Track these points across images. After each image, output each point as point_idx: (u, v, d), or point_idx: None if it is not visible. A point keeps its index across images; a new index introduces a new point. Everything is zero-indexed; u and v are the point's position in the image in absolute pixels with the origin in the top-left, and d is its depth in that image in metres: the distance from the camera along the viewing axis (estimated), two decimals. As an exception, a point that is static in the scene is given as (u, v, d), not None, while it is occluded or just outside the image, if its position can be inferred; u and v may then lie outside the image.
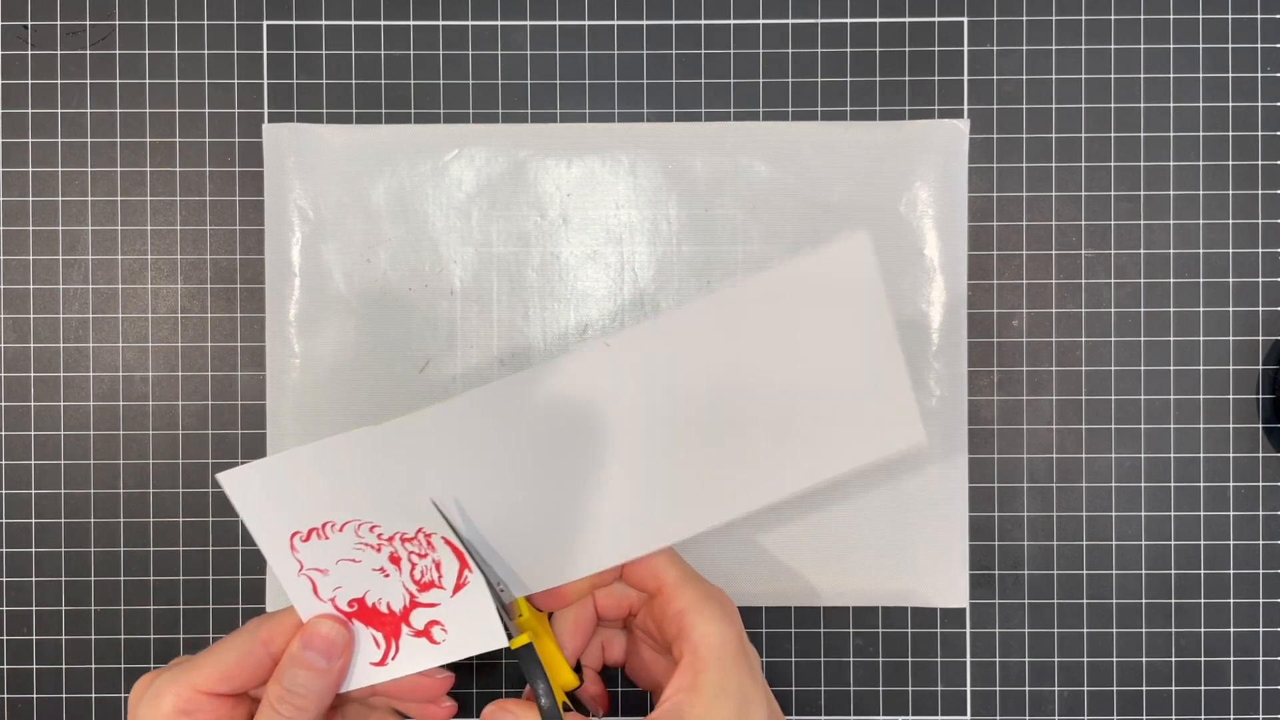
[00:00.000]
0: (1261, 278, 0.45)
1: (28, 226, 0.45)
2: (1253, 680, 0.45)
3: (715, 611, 0.34)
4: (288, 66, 0.45)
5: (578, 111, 0.45)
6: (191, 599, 0.45)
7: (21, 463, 0.45)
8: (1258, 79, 0.45)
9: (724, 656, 0.33)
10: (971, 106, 0.45)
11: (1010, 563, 0.45)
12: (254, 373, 0.45)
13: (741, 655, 0.34)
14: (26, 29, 0.45)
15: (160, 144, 0.45)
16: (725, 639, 0.34)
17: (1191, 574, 0.45)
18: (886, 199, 0.44)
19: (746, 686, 0.33)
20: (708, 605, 0.34)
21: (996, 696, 0.45)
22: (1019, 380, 0.45)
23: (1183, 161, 0.45)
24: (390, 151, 0.44)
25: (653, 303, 0.44)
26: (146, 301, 0.45)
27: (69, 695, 0.45)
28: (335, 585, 0.35)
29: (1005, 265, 0.45)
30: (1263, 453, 0.45)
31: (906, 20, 0.45)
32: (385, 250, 0.44)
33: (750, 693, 0.33)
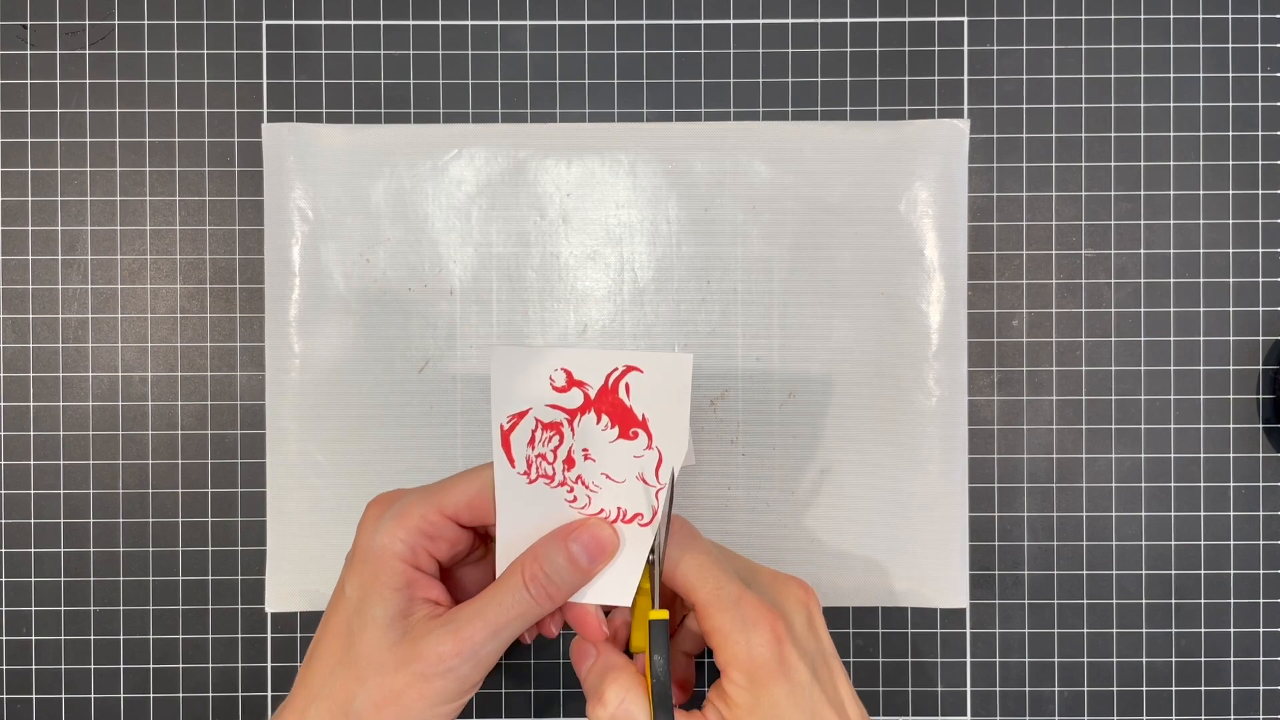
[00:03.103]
0: (1262, 278, 0.45)
1: (27, 226, 0.45)
2: (1253, 681, 0.45)
3: (745, 641, 0.33)
4: (287, 66, 0.45)
5: (577, 111, 0.45)
6: (191, 599, 0.44)
7: (21, 463, 0.45)
8: (1258, 79, 0.45)
9: (756, 678, 0.33)
10: (971, 106, 0.45)
11: (1010, 563, 0.45)
12: (253, 373, 0.45)
13: (778, 672, 0.33)
14: (26, 29, 0.45)
15: (159, 144, 0.45)
16: (756, 661, 0.33)
17: (1192, 574, 0.45)
18: (886, 199, 0.44)
19: (780, 704, 0.32)
20: (740, 633, 0.33)
21: (997, 697, 0.45)
22: (1019, 380, 0.45)
23: (1183, 161, 0.45)
24: (390, 151, 0.44)
25: (653, 303, 0.44)
26: (146, 301, 0.45)
27: (68, 696, 0.44)
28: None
29: (1005, 265, 0.45)
30: (1263, 453, 0.45)
31: (906, 20, 0.45)
32: (385, 250, 0.44)
33: (784, 710, 0.32)
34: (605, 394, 0.35)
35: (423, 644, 0.33)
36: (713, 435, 0.44)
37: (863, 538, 0.44)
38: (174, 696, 0.44)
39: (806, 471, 0.44)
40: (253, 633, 0.45)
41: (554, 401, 0.35)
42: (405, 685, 0.33)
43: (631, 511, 0.36)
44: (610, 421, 0.35)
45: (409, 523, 0.34)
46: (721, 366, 0.44)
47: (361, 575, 0.34)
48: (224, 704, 0.44)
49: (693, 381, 0.44)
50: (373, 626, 0.33)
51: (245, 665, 0.45)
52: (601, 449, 0.35)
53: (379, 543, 0.34)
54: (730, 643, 0.33)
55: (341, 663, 0.34)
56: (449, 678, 0.33)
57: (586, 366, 0.35)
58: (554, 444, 0.35)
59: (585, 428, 0.35)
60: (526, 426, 0.35)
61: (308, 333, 0.44)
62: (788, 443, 0.44)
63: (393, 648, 0.33)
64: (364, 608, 0.34)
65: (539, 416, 0.35)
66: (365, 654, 0.33)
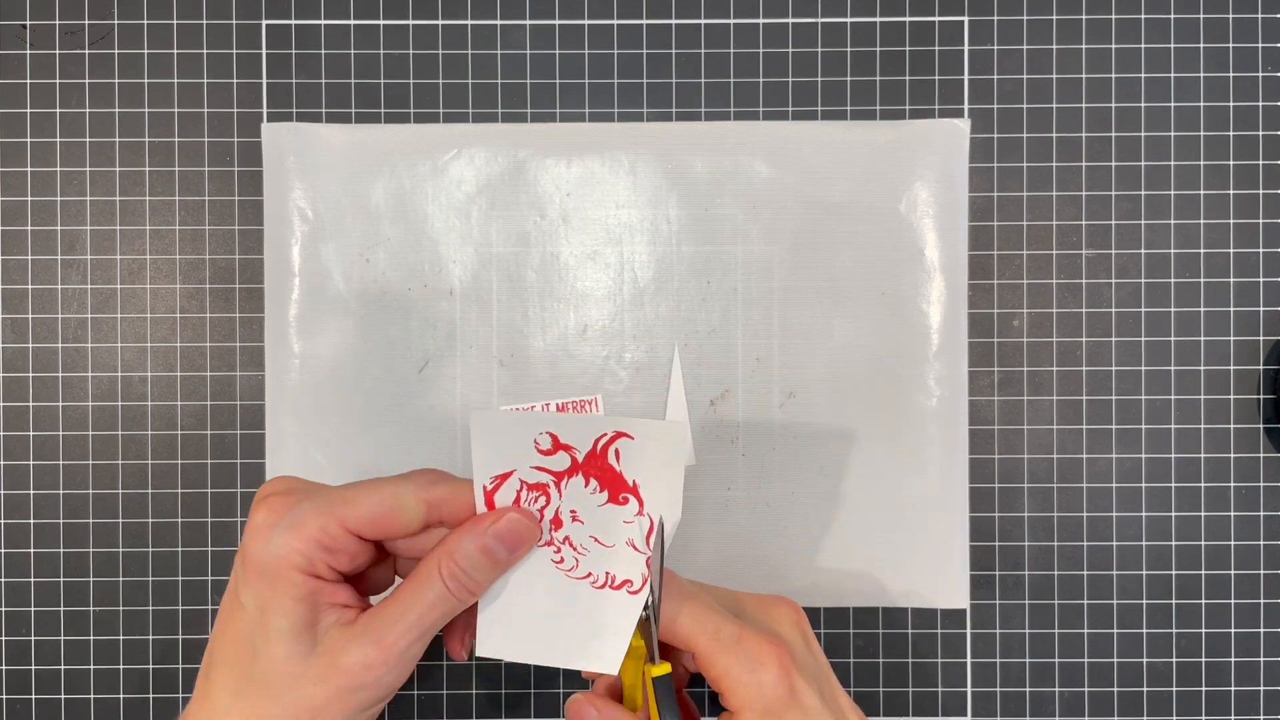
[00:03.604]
0: (1262, 277, 0.45)
1: (26, 226, 0.45)
2: (1254, 681, 0.45)
3: (754, 682, 0.32)
4: (287, 66, 0.45)
5: (577, 111, 0.45)
6: (190, 599, 0.44)
7: (20, 463, 0.44)
8: (1258, 78, 0.45)
9: (770, 715, 0.32)
10: (972, 106, 0.45)
11: (1011, 563, 0.45)
12: (253, 373, 0.45)
13: (791, 705, 0.33)
14: (25, 29, 0.45)
15: (159, 144, 0.45)
16: (769, 699, 0.32)
17: (1192, 574, 0.45)
18: (887, 198, 0.44)
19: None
20: (748, 674, 0.33)
21: (997, 697, 0.45)
22: (1019, 380, 0.45)
23: (1183, 161, 0.45)
24: (389, 151, 0.44)
25: (653, 303, 0.44)
26: (145, 302, 0.45)
27: (67, 696, 0.44)
28: None
29: (1006, 265, 0.45)
30: (1263, 453, 0.45)
31: (907, 19, 0.45)
32: (384, 250, 0.44)
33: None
34: (594, 458, 0.34)
35: (344, 657, 0.31)
36: (713, 435, 0.44)
37: (863, 538, 0.44)
38: (173, 697, 0.44)
39: (806, 471, 0.44)
40: (252, 633, 0.44)
41: (540, 464, 0.34)
42: (326, 700, 0.31)
43: (620, 578, 0.34)
44: (599, 485, 0.34)
45: (306, 533, 0.31)
46: (721, 366, 0.44)
47: (257, 586, 0.31)
48: (224, 704, 0.44)
49: (693, 383, 0.44)
50: (278, 641, 0.31)
51: (245, 666, 0.44)
52: (590, 512, 0.34)
53: (273, 554, 0.31)
54: (740, 686, 0.33)
55: (248, 679, 0.31)
56: (372, 687, 0.31)
57: (574, 431, 0.34)
58: (540, 504, 0.34)
59: (573, 490, 0.34)
60: (511, 487, 0.34)
61: (307, 333, 0.44)
62: (788, 443, 0.44)
63: (304, 660, 0.31)
64: (265, 620, 0.31)
65: (524, 478, 0.34)
66: (275, 669, 0.31)
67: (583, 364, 0.44)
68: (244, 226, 0.45)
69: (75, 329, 0.45)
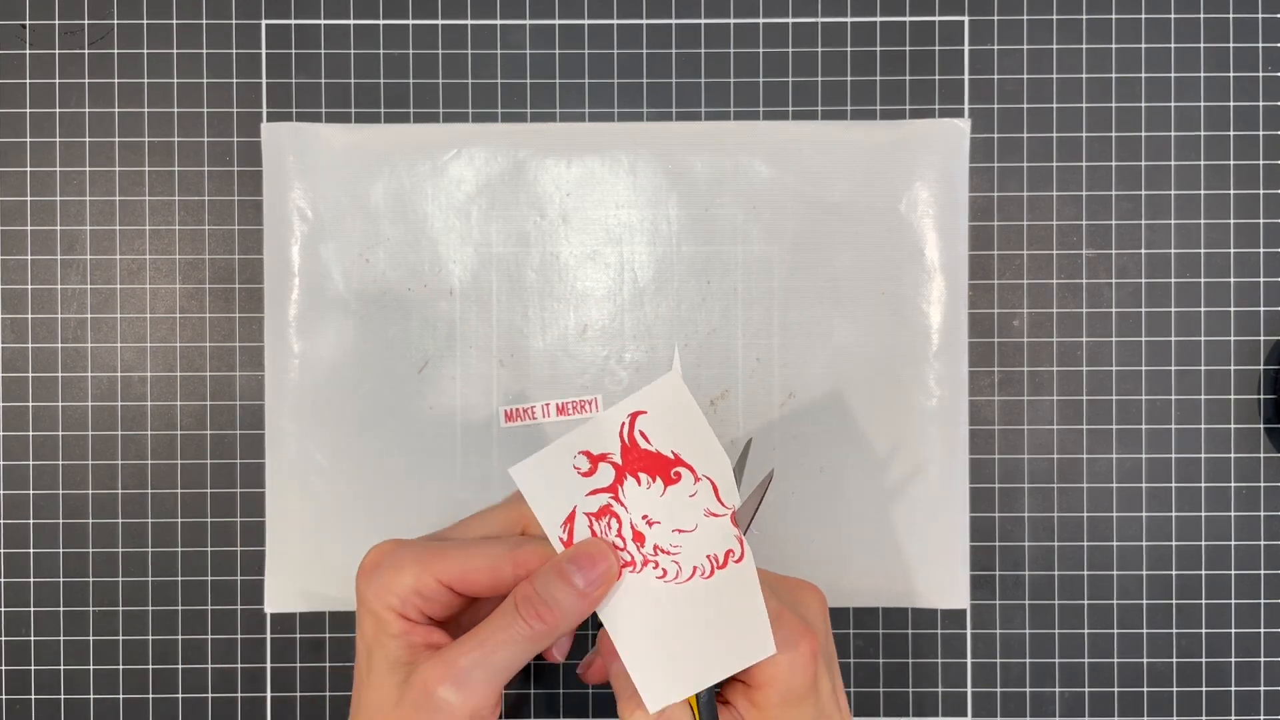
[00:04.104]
0: (1263, 277, 0.45)
1: (26, 226, 0.45)
2: (1254, 681, 0.45)
3: (785, 662, 0.33)
4: (286, 66, 0.45)
5: (577, 111, 0.45)
6: (190, 600, 0.44)
7: (20, 463, 0.44)
8: (1259, 78, 0.45)
9: (788, 697, 0.33)
10: (972, 106, 0.45)
11: (1011, 563, 0.45)
12: (252, 373, 0.44)
13: (809, 696, 0.33)
14: (24, 28, 0.45)
15: (158, 143, 0.45)
16: (792, 684, 0.33)
17: (1193, 575, 0.45)
18: (887, 198, 0.44)
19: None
20: (779, 651, 0.33)
21: (997, 698, 0.45)
22: (1020, 380, 0.45)
23: (1184, 161, 0.45)
24: (389, 151, 0.44)
25: (653, 303, 0.44)
26: (145, 302, 0.45)
27: (67, 696, 0.44)
28: None
29: (1006, 265, 0.45)
30: (1264, 453, 0.45)
31: (907, 19, 0.45)
32: (384, 250, 0.44)
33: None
34: (629, 452, 0.34)
35: (414, 676, 0.33)
36: (713, 435, 0.44)
37: (863, 538, 0.44)
38: (173, 697, 0.44)
39: (806, 471, 0.44)
40: (252, 633, 0.44)
41: (590, 488, 0.34)
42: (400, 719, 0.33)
43: (721, 553, 0.34)
44: (650, 477, 0.34)
45: (403, 582, 0.34)
46: (721, 366, 0.44)
47: (364, 624, 0.34)
48: (223, 705, 0.44)
49: (693, 383, 0.44)
50: (377, 673, 0.34)
51: (244, 666, 0.44)
52: (657, 507, 0.34)
53: (373, 593, 0.34)
54: (771, 663, 0.33)
55: (357, 710, 0.34)
56: (440, 708, 0.32)
57: (599, 437, 0.34)
58: (615, 528, 0.34)
59: (632, 496, 0.34)
60: (581, 525, 0.34)
61: (307, 333, 0.44)
62: (788, 443, 0.44)
63: (395, 689, 0.33)
64: (370, 656, 0.34)
65: (586, 510, 0.34)
66: (372, 699, 0.34)
67: (583, 364, 0.44)
68: (243, 226, 0.45)
69: (75, 329, 0.45)
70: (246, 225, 0.45)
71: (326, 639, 0.45)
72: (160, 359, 0.45)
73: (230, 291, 0.45)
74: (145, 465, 0.44)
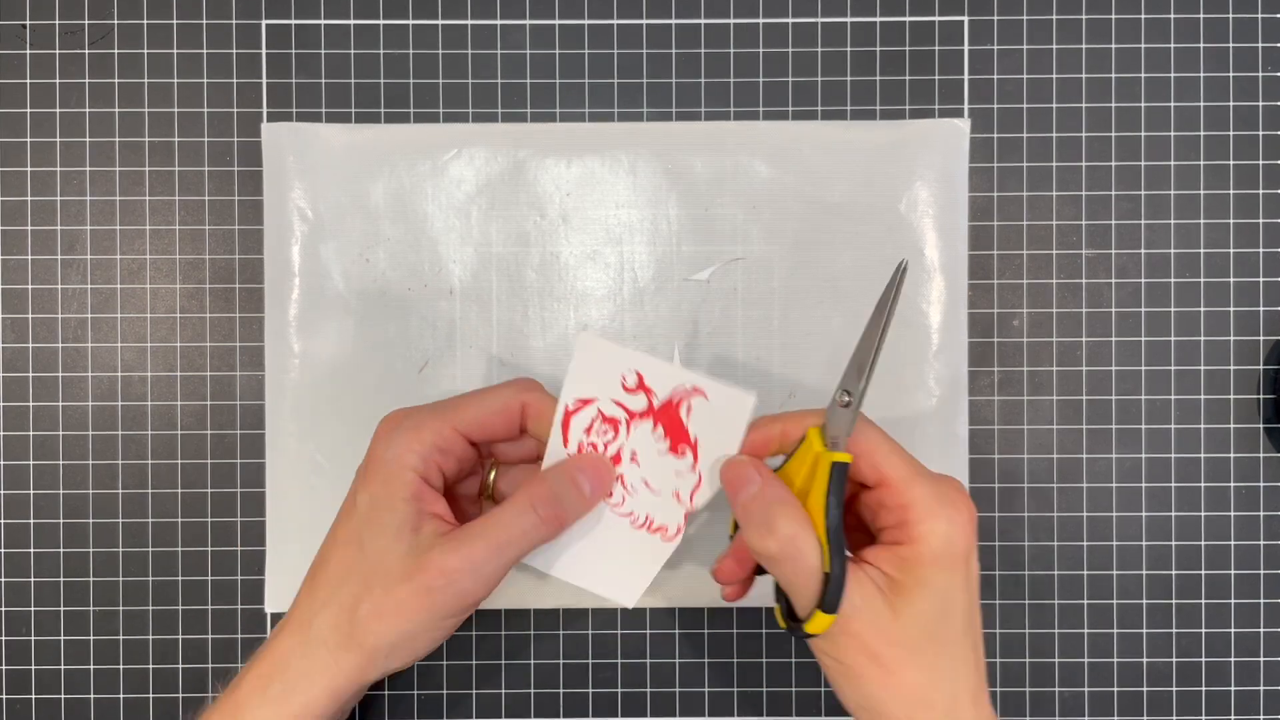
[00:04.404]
0: (1262, 277, 0.45)
1: (26, 226, 0.45)
2: (1254, 681, 0.45)
3: (946, 518, 0.32)
4: (286, 66, 0.45)
5: (577, 111, 0.45)
6: (190, 599, 0.44)
7: (20, 463, 0.44)
8: (1258, 78, 0.45)
9: (942, 559, 0.32)
10: (972, 106, 0.45)
11: (1011, 563, 0.45)
12: (253, 373, 0.44)
13: (962, 564, 0.33)
14: (25, 28, 0.45)
15: (159, 143, 0.45)
16: (951, 546, 0.32)
17: (1192, 574, 0.45)
18: (887, 198, 0.44)
19: (955, 594, 0.32)
20: (940, 508, 0.33)
21: (998, 698, 0.45)
22: (1019, 380, 0.45)
23: (1183, 161, 0.45)
24: (389, 151, 0.44)
25: (653, 303, 0.44)
26: (145, 301, 0.45)
27: (67, 696, 0.44)
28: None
29: (1006, 265, 0.45)
30: (1263, 453, 0.45)
31: (907, 19, 0.45)
32: (384, 250, 0.44)
33: (956, 601, 0.33)
34: (668, 407, 0.36)
35: (428, 558, 0.34)
36: (713, 435, 0.44)
37: (863, 538, 0.44)
38: (173, 697, 0.44)
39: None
40: (252, 633, 0.44)
41: (620, 399, 0.36)
42: (409, 595, 0.34)
43: (658, 522, 0.37)
44: (665, 433, 0.36)
45: (424, 436, 0.35)
46: (721, 366, 0.44)
47: (373, 486, 0.35)
48: (223, 704, 0.44)
49: None
50: (383, 535, 0.34)
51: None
52: (649, 457, 0.37)
53: (393, 454, 0.35)
54: (930, 515, 0.32)
55: (352, 571, 0.35)
56: (450, 592, 0.34)
57: (659, 376, 0.36)
58: (608, 437, 0.37)
59: (640, 433, 0.36)
60: (588, 414, 0.37)
61: (307, 333, 0.44)
62: (788, 443, 0.44)
63: (401, 558, 0.34)
64: (375, 516, 0.35)
65: (602, 409, 0.36)
66: (375, 561, 0.34)
67: (583, 364, 0.44)
68: (244, 226, 0.45)
69: (75, 329, 0.45)
70: (246, 225, 0.45)
71: (327, 639, 0.45)
72: (160, 359, 0.45)
73: (230, 291, 0.45)
74: (145, 465, 0.44)
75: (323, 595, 0.35)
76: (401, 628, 0.34)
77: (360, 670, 0.35)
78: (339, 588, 0.35)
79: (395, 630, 0.34)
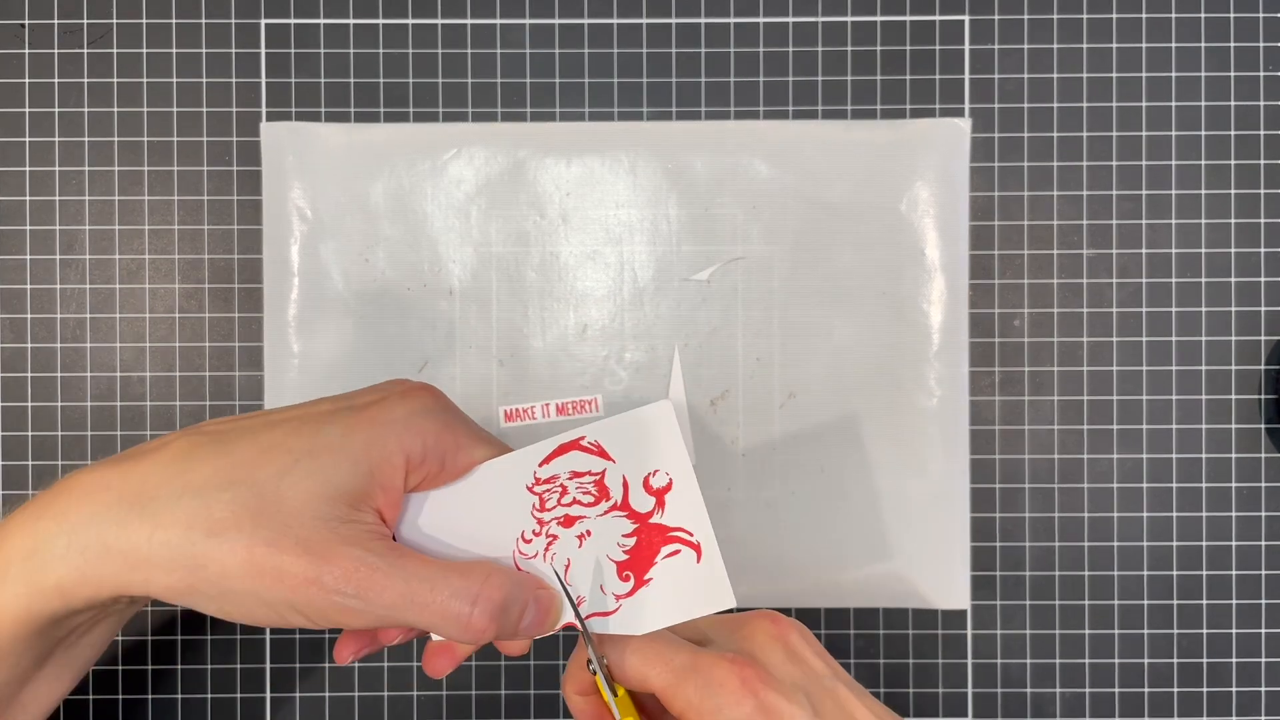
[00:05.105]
0: (1264, 277, 0.45)
1: (25, 226, 0.45)
2: (1255, 682, 0.45)
3: (713, 699, 0.29)
4: (286, 65, 0.45)
5: (577, 110, 0.45)
6: (189, 600, 0.44)
7: (19, 463, 0.44)
8: (1260, 77, 0.45)
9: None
10: (973, 105, 0.45)
11: (1012, 564, 0.45)
12: (252, 373, 0.44)
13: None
14: (23, 28, 0.45)
15: (158, 143, 0.45)
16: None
17: (1194, 575, 0.45)
18: (887, 198, 0.44)
19: None
20: (704, 695, 0.29)
21: (998, 698, 0.45)
22: (1020, 380, 0.45)
23: (1185, 161, 0.45)
24: (389, 150, 0.44)
25: (653, 303, 0.44)
26: (144, 301, 0.45)
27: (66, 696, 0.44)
28: None
29: (1007, 265, 0.45)
30: (1265, 453, 0.45)
31: (908, 19, 0.45)
32: (384, 250, 0.44)
33: None
34: (643, 517, 0.32)
35: (346, 550, 0.28)
36: (713, 435, 0.44)
37: (863, 538, 0.44)
38: (173, 698, 0.44)
39: (807, 471, 0.44)
40: (251, 633, 0.44)
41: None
42: (290, 564, 0.28)
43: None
44: (630, 528, 0.32)
45: (446, 439, 0.31)
46: (721, 366, 0.44)
47: (356, 432, 0.30)
48: (223, 705, 0.44)
49: (693, 383, 0.44)
50: (325, 483, 0.29)
51: (244, 666, 0.44)
52: (596, 539, 0.33)
53: (404, 423, 0.30)
54: (703, 716, 0.29)
55: (280, 470, 0.29)
56: (336, 605, 0.28)
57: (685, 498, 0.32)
58: (575, 498, 0.33)
59: (607, 523, 0.32)
60: (581, 462, 0.33)
61: (307, 333, 0.44)
62: (788, 443, 0.44)
63: (321, 521, 0.28)
64: (335, 461, 0.29)
65: (582, 468, 0.33)
66: (295, 496, 0.28)
67: (583, 364, 0.44)
68: (243, 226, 0.45)
69: (74, 329, 0.45)
70: (245, 225, 0.45)
71: (326, 639, 0.44)
72: (159, 359, 0.45)
73: (229, 291, 0.45)
74: (144, 465, 0.44)
75: (242, 466, 0.29)
76: (260, 585, 0.28)
77: (176, 581, 0.28)
78: (254, 470, 0.28)
79: (252, 582, 0.28)
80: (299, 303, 0.44)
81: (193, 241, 0.45)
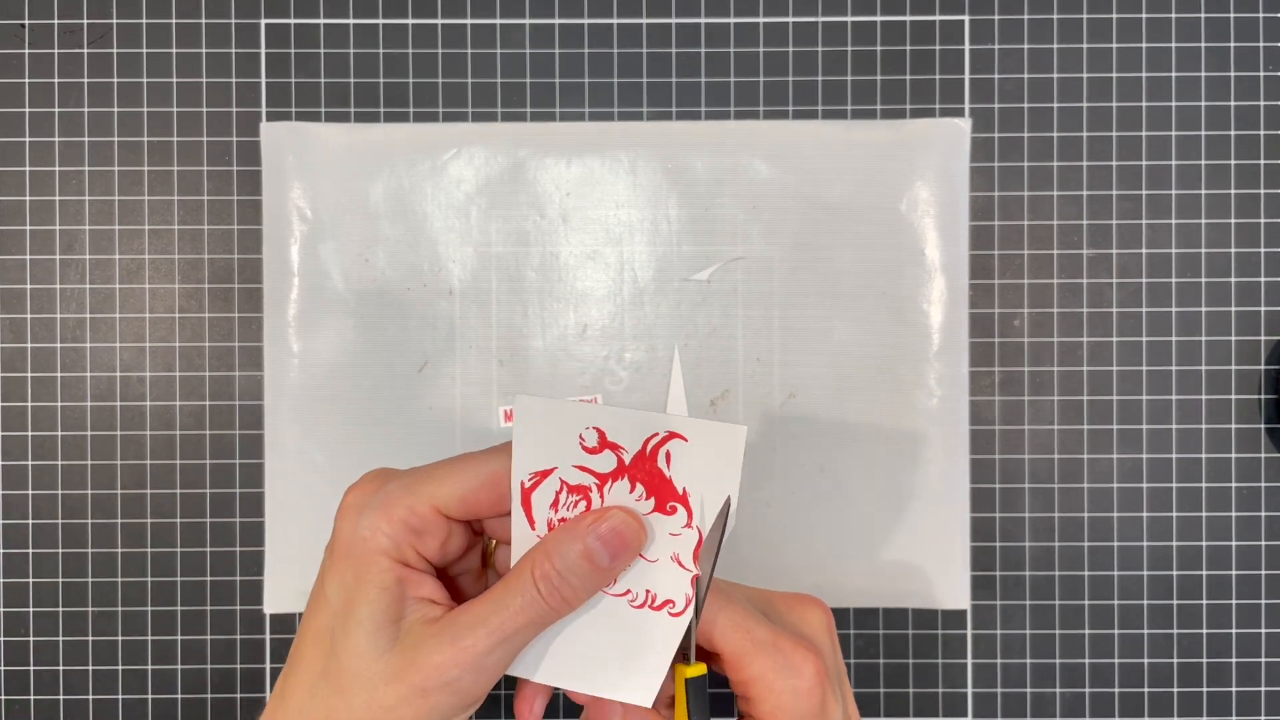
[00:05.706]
0: (1264, 277, 0.45)
1: (25, 226, 0.45)
2: (1255, 682, 0.45)
3: (789, 690, 0.30)
4: (286, 65, 0.45)
5: (577, 110, 0.45)
6: (189, 600, 0.44)
7: (19, 463, 0.44)
8: (1259, 77, 0.45)
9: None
10: (973, 105, 0.45)
11: (1012, 564, 0.45)
12: (252, 373, 0.44)
13: (819, 716, 0.30)
14: (23, 27, 0.45)
15: (157, 143, 0.45)
16: (797, 710, 0.30)
17: (1193, 575, 0.45)
18: (887, 198, 0.44)
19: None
20: (780, 679, 0.30)
21: (998, 698, 0.45)
22: (1020, 380, 0.45)
23: (1184, 161, 0.45)
24: (389, 150, 0.44)
25: (653, 303, 0.44)
26: (144, 301, 0.45)
27: (66, 697, 0.44)
28: None
29: (1007, 265, 0.45)
30: (1265, 453, 0.45)
31: (908, 19, 0.45)
32: (384, 250, 0.44)
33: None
34: (642, 461, 0.31)
35: (418, 653, 0.29)
36: (713, 435, 0.44)
37: (863, 538, 0.44)
38: (172, 698, 0.44)
39: (806, 471, 0.44)
40: (251, 634, 0.44)
41: (583, 463, 0.31)
42: (398, 700, 0.29)
43: (662, 597, 0.31)
44: (646, 492, 0.31)
45: (394, 515, 0.30)
46: (721, 366, 0.44)
47: (344, 574, 0.30)
48: (223, 705, 0.44)
49: (693, 383, 0.44)
50: (359, 632, 0.29)
51: (244, 666, 0.44)
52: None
53: (361, 536, 0.30)
54: (773, 693, 0.30)
55: (323, 677, 0.30)
56: (448, 691, 0.29)
57: (623, 427, 0.30)
58: (580, 510, 0.31)
59: (617, 496, 0.31)
60: (550, 487, 0.31)
61: (306, 333, 0.44)
62: (788, 443, 0.44)
63: (383, 656, 0.29)
64: (348, 611, 0.30)
65: (564, 477, 0.31)
66: (351, 665, 0.29)
67: (583, 364, 0.44)
68: (242, 226, 0.45)
69: (74, 329, 0.45)
70: (245, 225, 0.45)
71: (326, 639, 0.44)
72: (159, 359, 0.45)
73: (229, 291, 0.45)
74: (144, 465, 0.44)
75: (293, 706, 0.30)
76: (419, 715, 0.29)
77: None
78: (309, 699, 0.30)
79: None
80: (299, 303, 0.44)
81: (193, 241, 0.45)
